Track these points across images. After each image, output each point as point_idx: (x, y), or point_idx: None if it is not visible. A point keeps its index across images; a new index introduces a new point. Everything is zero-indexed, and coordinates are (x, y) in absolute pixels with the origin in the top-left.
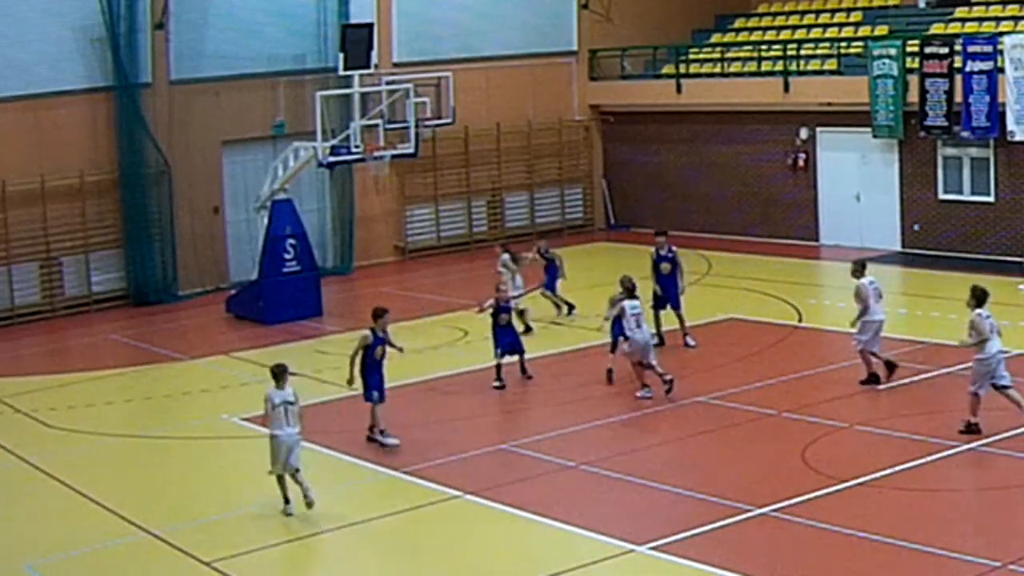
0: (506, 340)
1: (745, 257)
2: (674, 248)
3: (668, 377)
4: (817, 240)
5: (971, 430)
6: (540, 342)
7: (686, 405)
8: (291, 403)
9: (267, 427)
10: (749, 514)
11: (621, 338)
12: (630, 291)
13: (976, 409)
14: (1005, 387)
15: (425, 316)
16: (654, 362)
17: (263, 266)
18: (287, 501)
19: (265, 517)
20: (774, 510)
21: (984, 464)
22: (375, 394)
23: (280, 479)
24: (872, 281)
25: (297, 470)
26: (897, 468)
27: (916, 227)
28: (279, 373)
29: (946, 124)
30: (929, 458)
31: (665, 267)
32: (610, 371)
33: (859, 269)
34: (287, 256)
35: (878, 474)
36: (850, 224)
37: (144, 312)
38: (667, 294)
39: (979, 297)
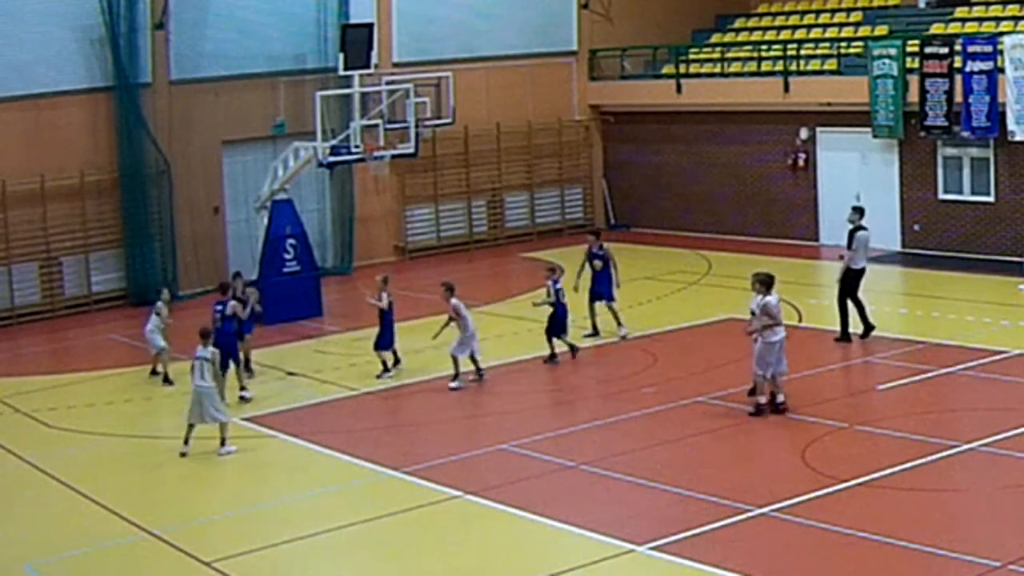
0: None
1: (745, 257)
2: (605, 246)
3: (480, 369)
4: (817, 240)
5: (760, 412)
6: (536, 344)
7: (686, 405)
8: (207, 360)
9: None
10: (749, 514)
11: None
12: (450, 289)
13: (765, 390)
14: (779, 373)
15: (425, 316)
16: (478, 355)
17: (263, 266)
18: (186, 442)
19: (265, 517)
20: (774, 510)
21: (984, 464)
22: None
23: (190, 427)
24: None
25: (215, 420)
26: (897, 468)
27: (916, 227)
28: (204, 335)
29: (946, 124)
30: (929, 458)
31: (597, 264)
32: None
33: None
34: (287, 256)
35: (878, 474)
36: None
37: (144, 312)
38: (601, 289)
39: (768, 283)
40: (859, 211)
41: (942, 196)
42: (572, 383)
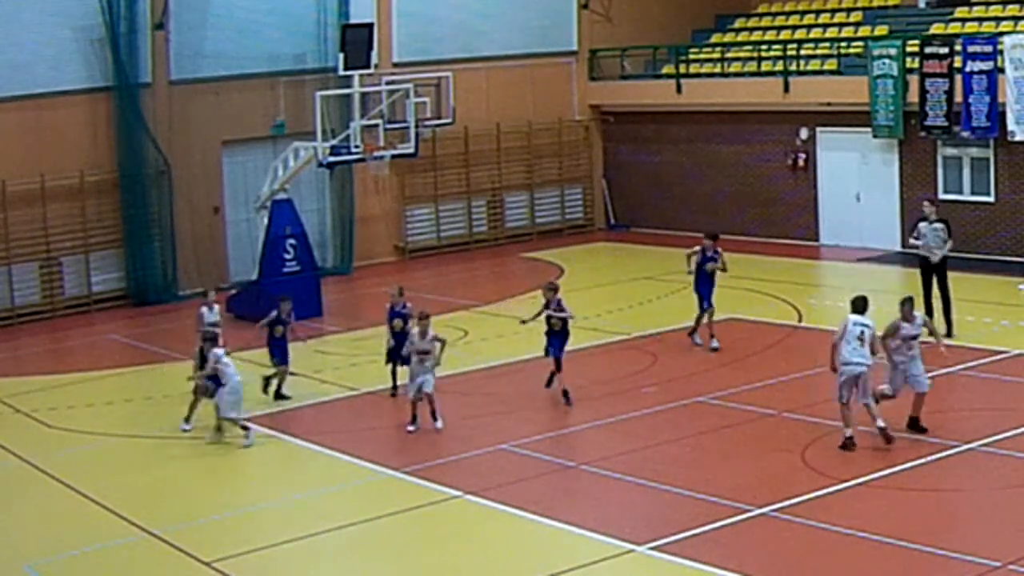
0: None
1: (745, 257)
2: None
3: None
4: (817, 240)
5: (890, 438)
6: (537, 344)
7: (687, 405)
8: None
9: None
10: (749, 514)
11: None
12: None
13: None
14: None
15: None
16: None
17: (263, 266)
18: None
19: (265, 517)
20: (774, 510)
21: (984, 464)
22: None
23: (233, 422)
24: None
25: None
26: (897, 468)
27: None
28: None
29: (946, 124)
30: (929, 458)
31: (710, 266)
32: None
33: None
34: (287, 256)
35: (878, 474)
36: (850, 224)
37: (144, 312)
38: (706, 292)
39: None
40: (935, 203)
41: (942, 196)
42: (572, 383)
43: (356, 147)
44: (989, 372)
